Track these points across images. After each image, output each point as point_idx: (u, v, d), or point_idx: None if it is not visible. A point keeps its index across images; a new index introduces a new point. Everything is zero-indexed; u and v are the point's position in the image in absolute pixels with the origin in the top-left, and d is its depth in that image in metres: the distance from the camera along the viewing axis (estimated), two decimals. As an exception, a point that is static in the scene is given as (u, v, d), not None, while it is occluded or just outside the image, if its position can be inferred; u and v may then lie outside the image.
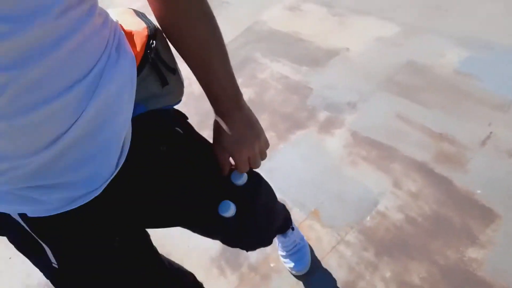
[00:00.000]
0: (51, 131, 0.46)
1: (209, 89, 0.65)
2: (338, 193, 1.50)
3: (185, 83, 0.73)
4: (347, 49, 2.10)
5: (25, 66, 0.39)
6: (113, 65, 0.50)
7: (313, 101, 1.89)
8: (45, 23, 0.39)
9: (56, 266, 0.61)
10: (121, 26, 0.59)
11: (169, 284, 0.77)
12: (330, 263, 1.33)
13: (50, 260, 0.60)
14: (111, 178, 0.56)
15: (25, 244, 0.61)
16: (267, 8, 2.63)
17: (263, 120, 1.86)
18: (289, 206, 1.51)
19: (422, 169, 1.47)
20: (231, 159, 0.71)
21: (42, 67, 0.41)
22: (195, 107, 1.84)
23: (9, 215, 0.55)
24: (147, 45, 0.60)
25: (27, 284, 1.54)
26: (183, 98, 0.72)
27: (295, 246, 1.32)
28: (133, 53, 0.56)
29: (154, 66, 0.61)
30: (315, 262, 1.34)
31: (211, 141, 0.74)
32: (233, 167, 0.72)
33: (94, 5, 0.47)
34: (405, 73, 1.85)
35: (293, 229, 1.31)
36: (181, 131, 0.70)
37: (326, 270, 1.31)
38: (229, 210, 0.67)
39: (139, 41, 0.59)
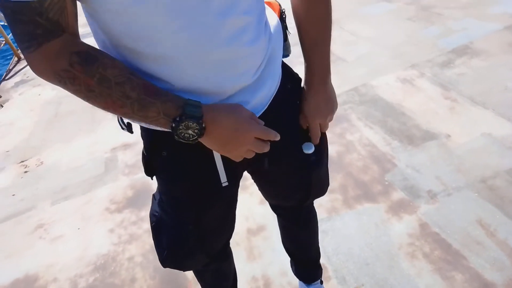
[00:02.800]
0: (263, 53, 0.70)
1: (311, 61, 0.81)
2: (384, 281, 1.39)
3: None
4: (448, 136, 1.97)
5: (256, 11, 0.66)
6: (270, 21, 0.76)
7: (392, 178, 1.81)
8: None
9: (227, 184, 0.79)
10: None
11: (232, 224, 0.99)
12: None
13: (217, 180, 0.78)
14: (271, 99, 0.76)
15: (199, 165, 0.78)
16: (380, 75, 2.63)
17: (335, 180, 1.84)
18: (328, 274, 1.46)
19: (488, 290, 1.29)
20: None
21: (260, 13, 0.69)
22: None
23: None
24: (281, 12, 0.83)
25: (84, 256, 1.74)
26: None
27: None
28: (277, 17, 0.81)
29: (282, 27, 0.83)
30: None
31: None
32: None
33: None
34: (504, 180, 1.66)
35: (321, 282, 1.31)
36: (295, 74, 0.88)
37: None
38: (311, 148, 0.86)
39: (276, 9, 0.83)
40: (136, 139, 2.50)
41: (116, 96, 0.56)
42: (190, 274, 1.52)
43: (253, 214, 1.78)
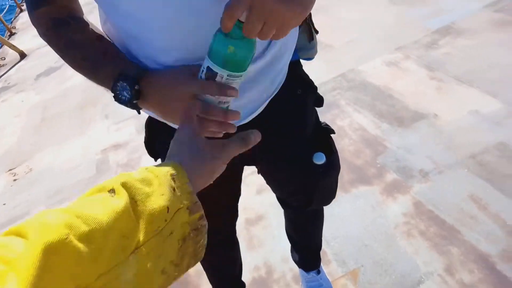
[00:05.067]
0: (261, 46, 0.64)
1: None
2: (383, 260, 1.42)
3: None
4: (436, 115, 2.00)
5: None
6: None
7: (385, 160, 1.84)
8: None
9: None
10: None
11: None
12: (353, 329, 1.26)
13: None
14: (267, 102, 0.72)
15: None
16: (367, 59, 2.65)
17: (329, 166, 1.86)
18: (328, 258, 1.48)
19: (483, 261, 1.33)
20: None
21: None
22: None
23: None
24: None
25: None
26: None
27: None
28: None
29: (307, 25, 0.80)
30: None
31: None
32: None
33: None
34: (493, 155, 1.70)
35: (319, 272, 1.32)
36: (310, 82, 0.85)
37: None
38: (322, 159, 0.84)
39: None
40: (126, 139, 2.49)
41: (79, 57, 0.62)
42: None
43: (251, 204, 1.79)
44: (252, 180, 1.85)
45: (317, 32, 0.83)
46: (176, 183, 0.40)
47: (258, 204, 1.79)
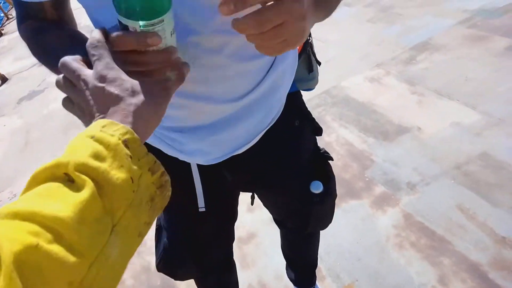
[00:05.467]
0: (248, 83, 0.63)
1: None
2: (377, 274, 1.43)
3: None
4: (419, 128, 2.06)
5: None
6: None
7: (372, 174, 1.87)
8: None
9: (204, 209, 0.78)
10: None
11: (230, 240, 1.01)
12: None
13: (197, 203, 0.78)
14: (262, 133, 0.72)
15: (180, 185, 0.75)
16: (349, 76, 2.71)
17: (318, 182, 1.87)
18: (323, 273, 1.48)
19: (475, 270, 1.35)
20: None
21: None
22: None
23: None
24: (306, 40, 0.75)
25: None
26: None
27: None
28: None
29: (307, 56, 0.80)
30: None
31: None
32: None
33: None
34: (476, 165, 1.76)
35: None
36: (308, 113, 0.86)
37: None
38: (320, 188, 0.85)
39: None
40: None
41: (49, 61, 0.59)
42: (185, 290, 1.51)
43: (242, 223, 1.78)
44: (242, 198, 1.83)
45: (319, 63, 0.83)
46: (130, 149, 0.37)
47: (249, 222, 1.78)
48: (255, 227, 1.75)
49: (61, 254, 0.30)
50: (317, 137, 0.92)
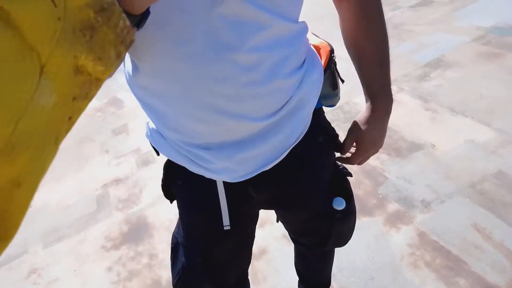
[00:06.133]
0: (279, 100, 0.65)
1: (374, 85, 0.78)
2: (391, 293, 1.41)
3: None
4: (433, 145, 2.04)
5: (274, 49, 0.57)
6: (310, 68, 0.70)
7: (386, 190, 1.85)
8: (287, 25, 0.58)
9: (229, 228, 0.77)
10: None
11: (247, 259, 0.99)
12: None
13: (222, 221, 0.77)
14: (289, 149, 0.72)
15: (206, 203, 0.77)
16: (361, 92, 2.68)
17: (330, 198, 1.86)
18: (335, 291, 1.46)
19: (492, 292, 1.32)
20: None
21: (282, 53, 0.60)
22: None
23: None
24: (330, 57, 0.80)
25: (83, 296, 1.69)
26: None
27: None
28: (321, 62, 0.77)
29: (332, 72, 0.82)
30: None
31: None
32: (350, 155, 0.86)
33: (305, 27, 0.66)
34: (492, 183, 1.73)
35: None
36: (332, 130, 0.87)
37: None
38: (342, 205, 0.84)
39: (324, 54, 0.80)
40: (127, 173, 2.48)
41: None
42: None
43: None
44: (254, 214, 1.84)
45: (343, 81, 0.85)
46: None
47: (261, 238, 1.77)
48: (267, 243, 1.74)
49: None
50: None
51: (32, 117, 0.26)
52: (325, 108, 0.89)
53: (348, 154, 0.86)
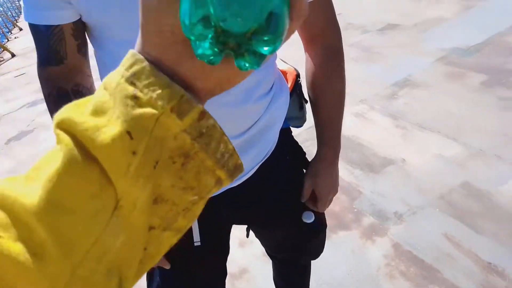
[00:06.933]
0: (249, 120, 0.70)
1: (326, 136, 0.84)
2: (369, 304, 1.44)
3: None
4: (403, 160, 2.13)
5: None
6: (278, 92, 0.76)
7: (361, 205, 1.91)
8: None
9: (199, 244, 0.78)
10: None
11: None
12: None
13: (192, 238, 0.78)
14: (257, 166, 0.76)
15: None
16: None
17: (308, 214, 1.90)
18: (315, 306, 1.48)
19: (464, 298, 1.37)
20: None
21: (256, 79, 0.65)
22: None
23: None
24: (296, 81, 0.86)
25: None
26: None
27: None
28: (288, 85, 0.83)
29: (297, 96, 0.87)
30: None
31: None
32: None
33: (275, 54, 0.70)
34: (460, 194, 1.82)
35: None
36: (299, 148, 0.91)
37: None
38: (311, 218, 0.88)
39: (291, 78, 0.86)
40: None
41: None
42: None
43: (234, 258, 1.78)
44: (233, 233, 1.85)
45: (306, 101, 0.90)
46: (138, 85, 0.24)
47: (241, 257, 1.78)
48: (247, 262, 1.75)
49: (21, 258, 0.21)
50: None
51: (93, 261, 0.23)
52: (300, 128, 0.95)
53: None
